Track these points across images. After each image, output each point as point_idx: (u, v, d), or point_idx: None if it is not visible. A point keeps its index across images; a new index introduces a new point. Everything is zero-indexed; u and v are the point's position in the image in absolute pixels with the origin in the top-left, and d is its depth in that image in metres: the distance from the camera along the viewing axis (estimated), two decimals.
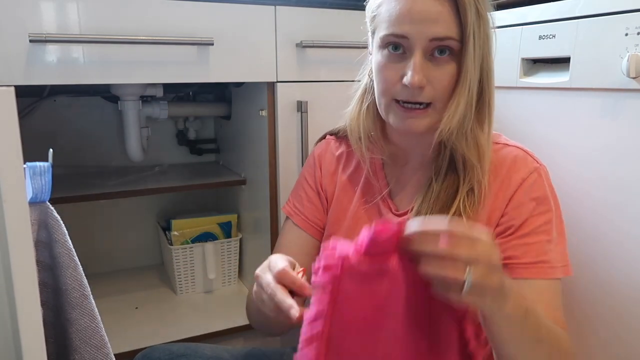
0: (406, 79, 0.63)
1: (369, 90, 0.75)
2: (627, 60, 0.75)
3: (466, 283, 0.44)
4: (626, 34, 0.77)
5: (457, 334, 0.51)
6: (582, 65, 0.85)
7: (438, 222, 0.48)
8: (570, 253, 0.69)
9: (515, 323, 0.54)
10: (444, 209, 0.68)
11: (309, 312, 0.51)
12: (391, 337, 0.50)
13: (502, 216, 0.69)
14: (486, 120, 0.69)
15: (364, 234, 0.49)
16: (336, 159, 0.85)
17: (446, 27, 0.62)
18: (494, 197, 0.69)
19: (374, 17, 0.69)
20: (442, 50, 0.64)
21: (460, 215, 0.67)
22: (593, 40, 0.83)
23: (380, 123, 0.76)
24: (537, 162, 0.70)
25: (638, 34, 0.76)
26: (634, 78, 0.76)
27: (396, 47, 0.65)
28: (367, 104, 0.75)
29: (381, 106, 0.70)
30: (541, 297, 0.65)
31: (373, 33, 0.70)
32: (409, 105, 0.66)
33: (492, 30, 0.67)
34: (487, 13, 0.65)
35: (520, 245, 0.67)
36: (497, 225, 0.69)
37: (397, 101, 0.67)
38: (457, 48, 0.63)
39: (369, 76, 0.75)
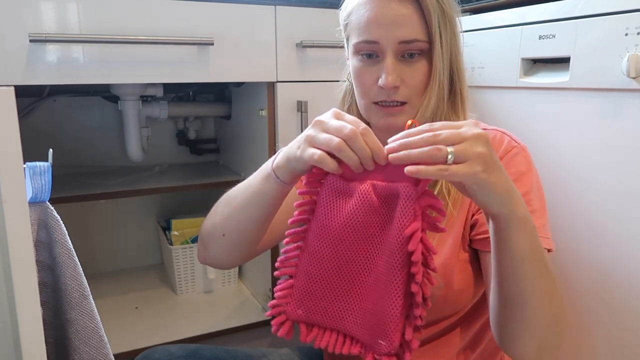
0: (381, 81, 0.67)
1: (349, 92, 0.78)
2: (627, 60, 0.75)
3: (449, 154, 0.47)
4: (626, 34, 0.77)
5: (405, 275, 0.51)
6: (582, 65, 0.85)
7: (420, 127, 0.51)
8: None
9: (527, 232, 0.53)
10: None
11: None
12: (355, 256, 0.56)
13: None
14: (460, 109, 0.73)
15: None
16: None
17: (412, 29, 0.65)
18: None
19: (346, 25, 0.72)
20: (411, 54, 0.67)
21: (444, 198, 0.68)
22: (593, 40, 0.83)
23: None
24: (516, 142, 0.72)
25: (638, 34, 0.76)
26: (634, 78, 0.76)
27: (369, 55, 0.68)
28: (347, 105, 0.79)
29: (362, 108, 0.73)
30: None
31: (347, 39, 0.73)
32: (387, 104, 0.70)
33: (459, 26, 0.71)
34: (454, 12, 0.69)
35: None
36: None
37: (376, 102, 0.70)
38: (426, 48, 0.67)
39: (348, 79, 0.78)
